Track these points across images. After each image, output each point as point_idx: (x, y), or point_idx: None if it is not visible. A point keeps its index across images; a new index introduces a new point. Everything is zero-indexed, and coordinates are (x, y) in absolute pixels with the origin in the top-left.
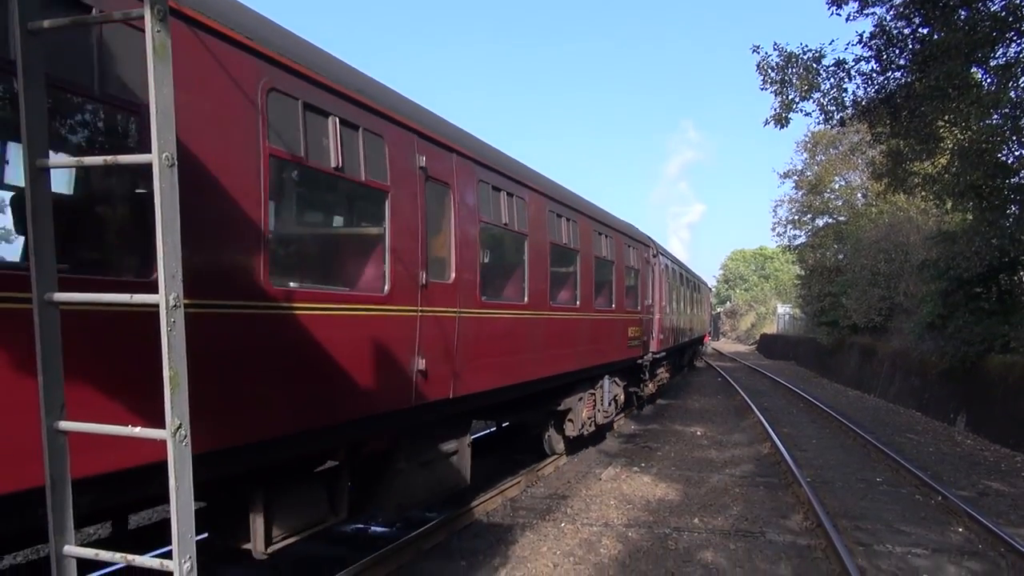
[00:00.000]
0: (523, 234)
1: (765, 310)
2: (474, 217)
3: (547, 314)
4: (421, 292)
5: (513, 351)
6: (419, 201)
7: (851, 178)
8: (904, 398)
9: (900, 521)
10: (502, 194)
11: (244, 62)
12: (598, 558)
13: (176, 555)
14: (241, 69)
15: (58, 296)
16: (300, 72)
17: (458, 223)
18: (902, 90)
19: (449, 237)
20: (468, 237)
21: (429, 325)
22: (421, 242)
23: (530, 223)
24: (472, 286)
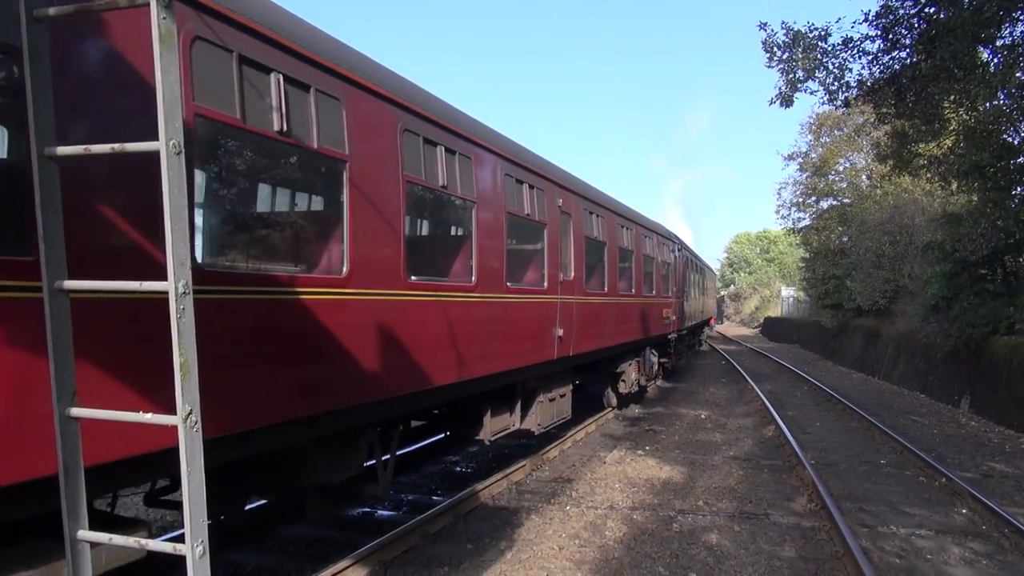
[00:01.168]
0: (603, 242)
1: (769, 293)
2: (580, 234)
3: (618, 299)
4: (560, 286)
5: (600, 325)
6: (557, 227)
7: (856, 160)
8: (908, 380)
9: (904, 503)
10: (594, 216)
11: (390, 112)
12: (603, 540)
13: (189, 539)
14: (388, 118)
15: (68, 284)
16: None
17: (575, 239)
18: (908, 70)
19: (569, 249)
20: (579, 247)
21: (563, 307)
22: (560, 253)
23: (608, 234)
24: (581, 281)
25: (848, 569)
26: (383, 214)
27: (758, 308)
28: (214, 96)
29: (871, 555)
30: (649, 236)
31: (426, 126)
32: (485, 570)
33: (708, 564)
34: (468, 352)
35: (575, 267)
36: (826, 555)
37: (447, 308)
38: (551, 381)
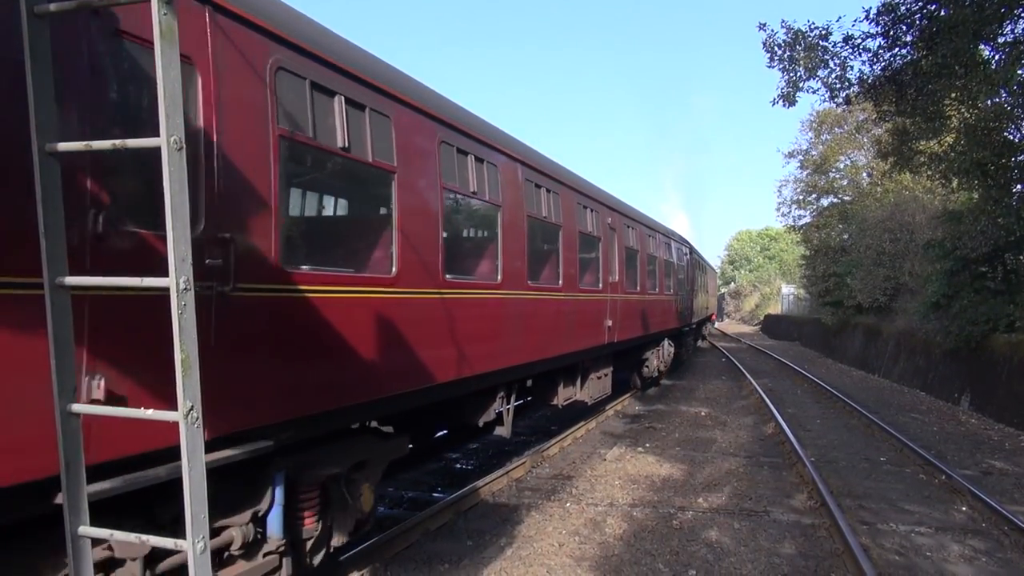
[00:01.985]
0: (636, 250)
1: (770, 290)
2: (622, 244)
3: (647, 296)
4: (609, 286)
5: (635, 318)
6: (607, 240)
7: (856, 157)
8: (908, 378)
9: (904, 500)
10: (631, 229)
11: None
12: (603, 537)
13: (190, 535)
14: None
15: (69, 280)
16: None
17: (618, 249)
18: (909, 67)
19: (614, 256)
20: (621, 255)
21: (611, 303)
22: (608, 260)
23: (639, 243)
24: (623, 282)
25: (848, 566)
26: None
27: (758, 305)
28: (292, 119)
29: (871, 552)
30: (668, 243)
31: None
32: (485, 567)
33: (708, 561)
34: (555, 337)
35: (618, 271)
36: (826, 552)
37: (548, 304)
38: (598, 363)
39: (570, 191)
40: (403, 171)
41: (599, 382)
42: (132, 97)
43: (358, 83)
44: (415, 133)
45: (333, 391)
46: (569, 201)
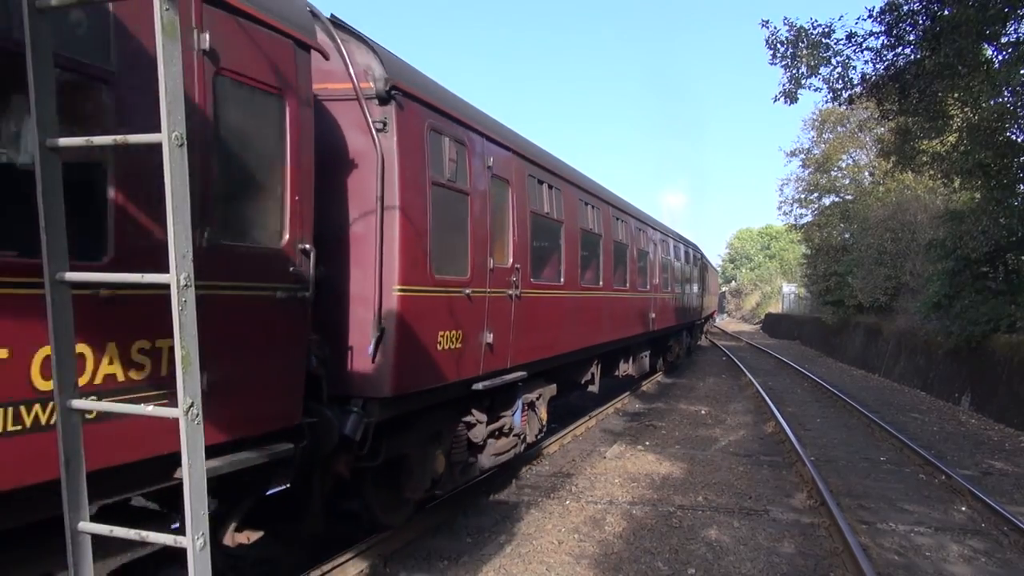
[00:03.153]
0: (668, 258)
1: (770, 289)
2: (659, 254)
3: (673, 295)
4: (652, 286)
5: (667, 312)
6: (657, 252)
7: (858, 156)
8: (909, 378)
9: (903, 500)
10: (665, 243)
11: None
12: (603, 535)
13: (190, 531)
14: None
15: (70, 276)
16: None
17: (660, 258)
18: (912, 67)
19: (656, 264)
20: (660, 263)
21: (654, 300)
22: (654, 268)
23: (670, 252)
24: (661, 284)
25: (847, 566)
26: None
27: (759, 304)
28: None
29: (870, 552)
30: (687, 250)
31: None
32: (485, 564)
33: (707, 560)
34: (622, 325)
35: (658, 275)
36: (825, 551)
37: (620, 302)
38: (642, 347)
39: (633, 219)
40: (569, 220)
41: (642, 361)
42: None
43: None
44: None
45: (547, 348)
46: (630, 227)
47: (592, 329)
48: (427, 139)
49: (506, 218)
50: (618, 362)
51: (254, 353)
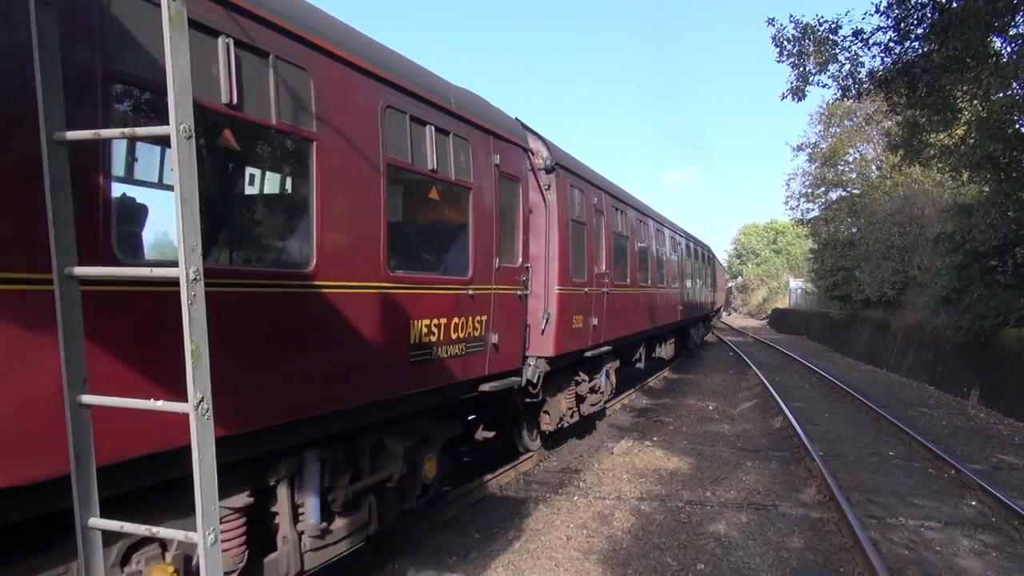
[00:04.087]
0: (689, 258)
1: (777, 284)
2: (686, 257)
3: (695, 291)
4: (682, 285)
5: (688, 305)
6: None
7: (865, 150)
8: (917, 372)
9: (913, 494)
10: (687, 245)
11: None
12: (611, 531)
13: (200, 527)
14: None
15: (78, 270)
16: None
17: (685, 261)
18: (920, 60)
19: (687, 268)
20: (686, 264)
21: (681, 295)
22: (684, 269)
23: (696, 256)
24: (684, 282)
25: (857, 560)
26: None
27: (766, 299)
28: (573, 209)
29: (880, 546)
30: (700, 250)
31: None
32: (493, 560)
33: (716, 555)
34: (661, 315)
35: (683, 274)
36: (835, 546)
37: (656, 296)
38: (669, 335)
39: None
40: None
41: (669, 347)
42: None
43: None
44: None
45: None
46: (664, 235)
47: (644, 318)
48: (569, 193)
49: (601, 238)
50: (655, 346)
51: (513, 324)
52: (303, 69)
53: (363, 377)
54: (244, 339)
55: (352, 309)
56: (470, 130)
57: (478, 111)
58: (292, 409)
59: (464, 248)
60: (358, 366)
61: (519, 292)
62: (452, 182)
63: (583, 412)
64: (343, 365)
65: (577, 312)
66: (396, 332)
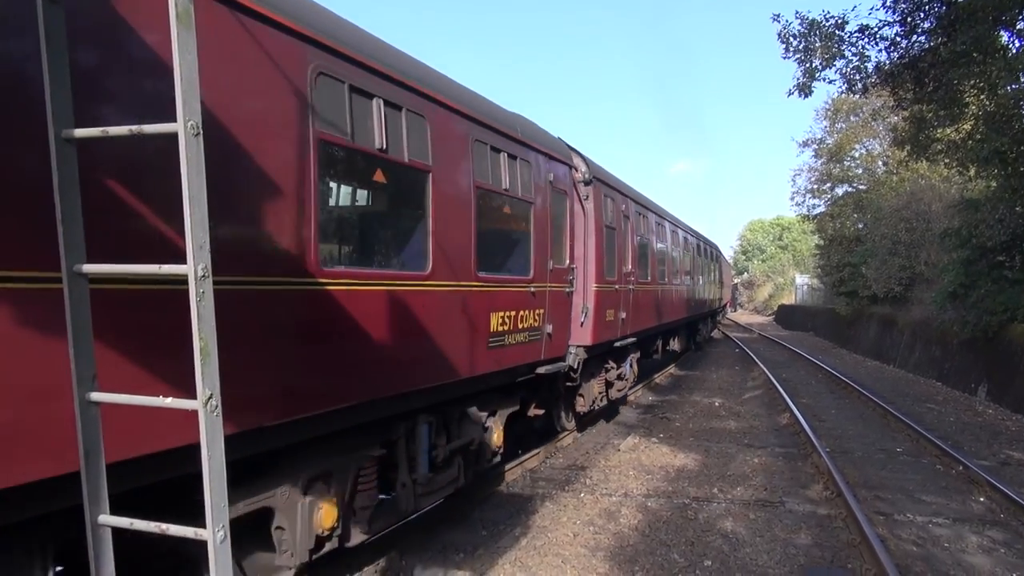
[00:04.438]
0: (700, 258)
1: (783, 281)
2: (699, 256)
3: (705, 287)
4: (693, 282)
5: (697, 302)
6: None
7: (872, 146)
8: (924, 368)
9: (920, 491)
10: (700, 246)
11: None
12: (618, 527)
13: (210, 524)
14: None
15: (87, 267)
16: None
17: (697, 260)
18: (927, 55)
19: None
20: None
21: (690, 292)
22: (694, 268)
23: (704, 255)
24: (694, 280)
25: (864, 556)
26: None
27: (772, 296)
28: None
29: (888, 543)
30: (708, 248)
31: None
32: (500, 556)
33: (723, 551)
34: (675, 311)
35: (693, 272)
36: (842, 543)
37: (671, 292)
38: (682, 329)
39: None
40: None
41: (683, 340)
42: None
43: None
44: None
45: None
46: (678, 235)
47: (661, 313)
48: (603, 202)
49: (628, 240)
50: (670, 339)
51: (562, 316)
52: (422, 116)
53: (457, 358)
54: (389, 326)
55: (453, 303)
56: (530, 153)
57: (536, 136)
58: (410, 381)
59: (527, 252)
60: (453, 349)
61: (567, 289)
62: (519, 198)
63: (610, 397)
64: (444, 348)
65: (609, 307)
66: (480, 322)
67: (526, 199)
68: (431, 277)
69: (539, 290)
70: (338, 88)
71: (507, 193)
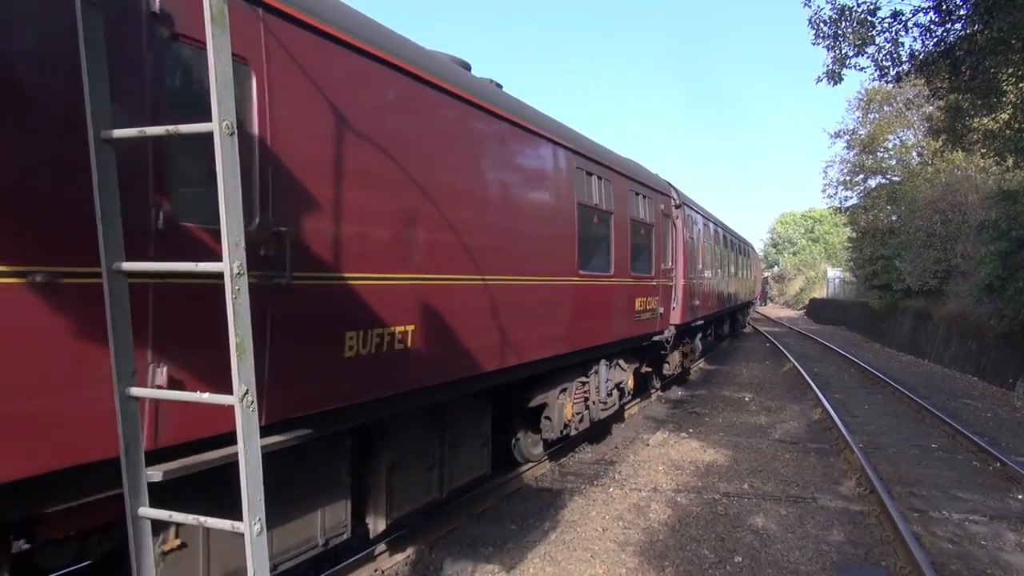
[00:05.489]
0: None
1: (814, 274)
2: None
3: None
4: (736, 278)
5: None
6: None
7: (906, 136)
8: (960, 363)
9: (956, 488)
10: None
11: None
12: (647, 523)
13: (247, 517)
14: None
15: (126, 265)
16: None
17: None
18: (963, 42)
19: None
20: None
21: (739, 287)
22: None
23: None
24: (734, 274)
25: (899, 554)
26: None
27: (803, 289)
28: (689, 231)
29: (923, 540)
30: (742, 245)
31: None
32: (529, 551)
33: (754, 547)
34: (723, 303)
35: (734, 268)
36: (876, 540)
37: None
38: (725, 318)
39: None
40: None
41: (725, 326)
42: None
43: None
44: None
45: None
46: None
47: (716, 303)
48: (687, 220)
49: (698, 245)
50: (721, 325)
51: (666, 302)
52: (610, 182)
53: (622, 326)
54: (597, 304)
55: (622, 292)
56: (651, 192)
57: (653, 180)
58: (601, 337)
59: (651, 258)
60: (621, 320)
61: (669, 283)
62: (647, 223)
63: (684, 366)
64: (617, 319)
65: (691, 297)
66: (631, 304)
67: (650, 223)
68: (613, 276)
69: (656, 284)
70: (588, 175)
71: (643, 221)
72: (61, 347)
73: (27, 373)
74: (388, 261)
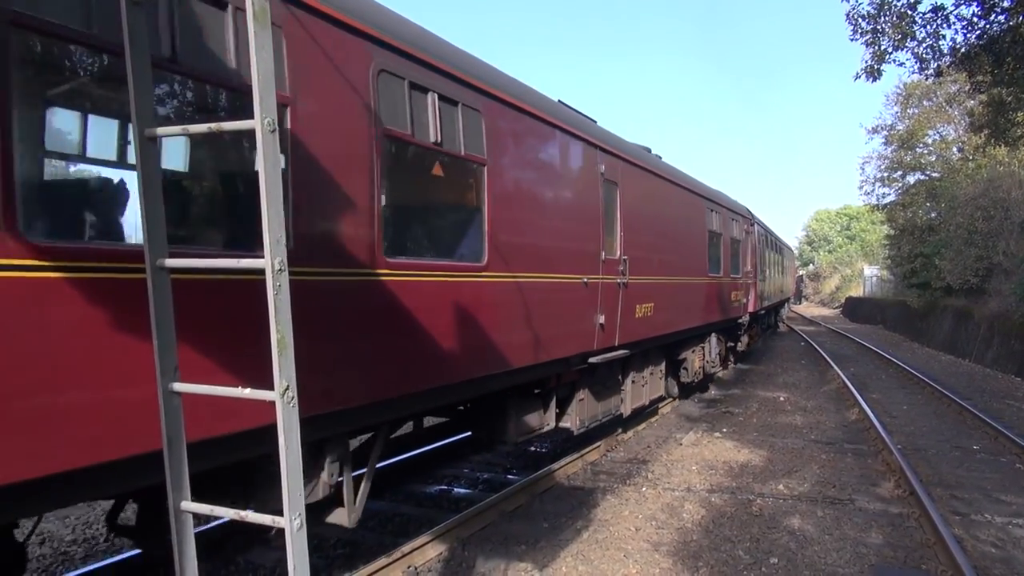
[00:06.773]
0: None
1: (851, 272)
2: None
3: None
4: (781, 278)
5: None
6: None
7: (946, 131)
8: (1003, 363)
9: (999, 490)
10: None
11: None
12: (681, 523)
13: (287, 511)
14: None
15: (169, 262)
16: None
17: (775, 262)
18: (1007, 34)
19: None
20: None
21: (782, 285)
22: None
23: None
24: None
25: (940, 558)
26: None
27: (839, 288)
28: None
29: (965, 544)
30: (779, 244)
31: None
32: (562, 549)
33: (790, 549)
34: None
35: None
36: (916, 543)
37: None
38: (771, 312)
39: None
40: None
41: (771, 318)
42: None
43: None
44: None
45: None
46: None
47: (769, 298)
48: (756, 234)
49: (762, 252)
50: (769, 317)
51: (745, 295)
52: (720, 213)
53: (725, 309)
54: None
55: (724, 288)
56: (738, 216)
57: (739, 207)
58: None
59: (740, 264)
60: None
61: (749, 281)
62: (737, 239)
63: (749, 345)
64: (720, 307)
65: (760, 293)
66: (730, 295)
67: (738, 239)
68: (722, 277)
69: (743, 282)
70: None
71: (736, 238)
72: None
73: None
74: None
